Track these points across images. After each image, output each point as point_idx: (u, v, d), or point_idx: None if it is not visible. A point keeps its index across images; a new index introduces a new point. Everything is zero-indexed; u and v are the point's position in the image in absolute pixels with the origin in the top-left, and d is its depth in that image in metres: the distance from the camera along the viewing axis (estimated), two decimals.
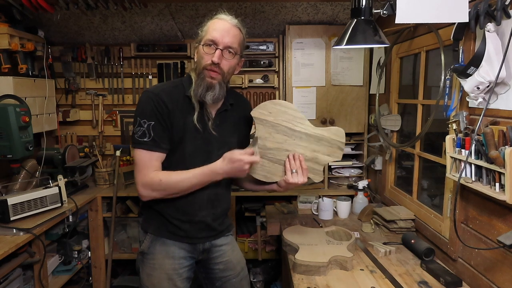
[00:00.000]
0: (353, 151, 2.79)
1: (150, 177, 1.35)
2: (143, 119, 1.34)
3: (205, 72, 1.36)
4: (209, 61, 1.35)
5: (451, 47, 1.53)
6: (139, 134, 1.35)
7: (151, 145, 1.35)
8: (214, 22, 1.38)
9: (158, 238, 1.47)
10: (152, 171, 1.36)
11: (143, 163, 1.36)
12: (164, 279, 1.45)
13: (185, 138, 1.39)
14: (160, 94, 1.36)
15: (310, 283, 1.46)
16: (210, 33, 1.35)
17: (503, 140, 1.20)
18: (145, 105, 1.35)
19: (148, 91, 1.38)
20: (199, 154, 1.42)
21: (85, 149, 2.85)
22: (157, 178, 1.35)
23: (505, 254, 1.28)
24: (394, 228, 1.94)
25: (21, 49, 2.34)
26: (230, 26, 1.37)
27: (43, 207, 2.07)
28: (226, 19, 1.38)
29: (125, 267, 2.95)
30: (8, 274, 1.88)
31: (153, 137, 1.34)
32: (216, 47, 1.34)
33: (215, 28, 1.36)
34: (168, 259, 1.46)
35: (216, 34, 1.34)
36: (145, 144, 1.34)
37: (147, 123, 1.34)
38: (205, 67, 1.36)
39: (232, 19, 1.39)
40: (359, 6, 1.53)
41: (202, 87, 1.37)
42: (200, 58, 1.38)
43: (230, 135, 1.50)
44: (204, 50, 1.36)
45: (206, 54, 1.36)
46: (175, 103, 1.38)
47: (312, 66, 2.65)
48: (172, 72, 2.93)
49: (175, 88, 1.42)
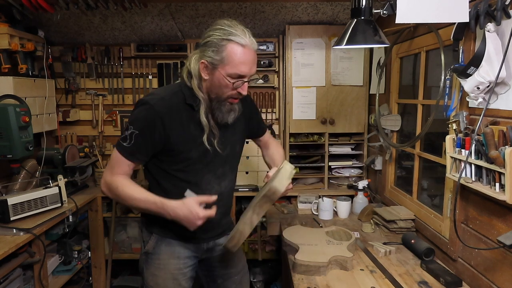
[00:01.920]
0: (353, 151, 2.79)
1: (112, 179, 1.34)
2: (131, 125, 1.32)
3: (229, 100, 1.34)
4: (235, 93, 1.31)
5: (451, 47, 1.53)
6: (122, 136, 1.34)
7: (127, 151, 1.33)
8: (238, 51, 1.25)
9: (163, 238, 1.47)
10: (118, 174, 1.34)
11: (114, 163, 1.35)
12: (169, 279, 1.45)
13: (187, 147, 1.37)
14: (157, 106, 1.30)
15: (310, 283, 1.46)
16: (238, 67, 1.26)
17: (503, 140, 1.20)
18: (138, 113, 1.32)
19: (145, 101, 1.32)
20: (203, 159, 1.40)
21: (85, 149, 2.85)
22: (115, 184, 1.33)
23: (505, 254, 1.28)
24: (394, 228, 1.94)
25: (21, 49, 2.34)
26: (254, 55, 1.30)
27: (43, 207, 2.07)
28: (248, 45, 1.27)
29: (125, 267, 2.95)
30: (8, 274, 1.87)
31: (132, 145, 1.31)
32: (244, 80, 1.30)
33: (243, 61, 1.26)
34: (173, 259, 1.46)
35: (246, 69, 1.27)
36: (123, 149, 1.32)
37: (131, 130, 1.31)
38: (230, 96, 1.33)
39: (253, 43, 1.29)
40: (359, 6, 1.53)
41: (223, 113, 1.35)
42: (223, 88, 1.30)
43: (231, 135, 1.49)
44: (232, 84, 1.29)
45: (231, 86, 1.29)
46: (174, 113, 1.33)
47: (312, 66, 2.65)
48: (172, 72, 2.93)
49: (174, 95, 1.36)
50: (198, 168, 1.40)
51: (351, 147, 2.80)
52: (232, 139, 1.50)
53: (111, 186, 1.34)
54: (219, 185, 1.47)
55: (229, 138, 1.48)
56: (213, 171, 1.44)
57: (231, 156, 1.50)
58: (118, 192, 1.33)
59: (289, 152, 2.73)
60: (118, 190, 1.33)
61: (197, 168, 1.40)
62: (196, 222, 1.26)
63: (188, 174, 1.40)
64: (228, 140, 1.47)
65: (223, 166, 1.48)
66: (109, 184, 1.35)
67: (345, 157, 2.79)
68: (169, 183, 1.41)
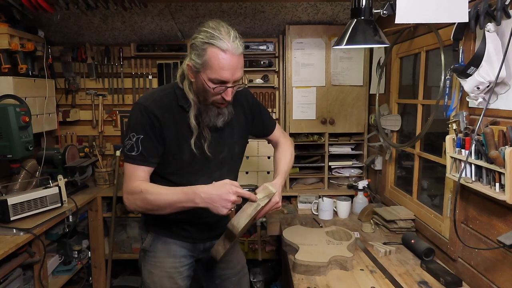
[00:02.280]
0: (353, 151, 2.79)
1: (133, 187, 1.30)
2: (132, 133, 1.30)
3: (215, 104, 1.32)
4: (219, 97, 1.29)
5: (451, 47, 1.53)
6: (128, 147, 1.31)
7: (138, 159, 1.31)
8: (218, 57, 1.20)
9: (159, 236, 1.48)
10: (136, 181, 1.31)
11: (129, 176, 1.32)
12: (165, 277, 1.45)
13: (181, 147, 1.36)
14: (151, 107, 1.29)
15: (310, 283, 1.46)
16: (218, 72, 1.21)
17: (503, 140, 1.20)
18: (135, 118, 1.31)
19: (138, 104, 1.32)
20: (198, 161, 1.39)
21: (85, 149, 2.85)
22: (138, 188, 1.29)
23: (505, 254, 1.28)
24: (394, 228, 1.94)
25: (21, 49, 2.34)
26: (237, 60, 1.23)
27: (43, 207, 2.07)
28: (230, 49, 1.20)
29: (125, 267, 2.95)
30: (8, 274, 1.87)
31: (141, 151, 1.30)
32: (226, 86, 1.26)
33: (223, 67, 1.21)
34: (169, 257, 1.47)
35: (227, 75, 1.22)
36: (133, 158, 1.31)
37: (135, 137, 1.29)
38: (215, 101, 1.31)
39: (236, 47, 1.22)
40: (359, 6, 1.53)
41: (211, 116, 1.34)
42: (206, 92, 1.28)
43: (229, 137, 1.47)
44: (213, 90, 1.25)
45: (213, 90, 1.26)
46: (168, 114, 1.32)
47: (312, 66, 2.65)
48: (172, 72, 2.93)
49: (167, 96, 1.35)
50: (191, 171, 1.39)
51: (351, 147, 2.80)
52: (230, 141, 1.47)
53: (135, 193, 1.30)
54: None
55: (225, 140, 1.45)
56: (208, 174, 1.41)
57: (229, 158, 1.48)
58: (143, 195, 1.28)
59: None
60: (143, 194, 1.28)
61: (191, 171, 1.39)
62: (230, 198, 1.20)
63: (182, 178, 1.38)
64: (224, 142, 1.45)
65: (220, 169, 1.45)
66: (132, 193, 1.30)
67: (345, 157, 2.79)
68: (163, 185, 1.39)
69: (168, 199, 1.27)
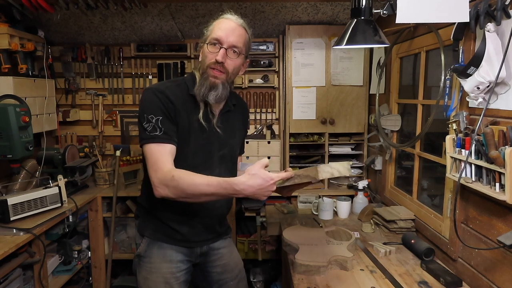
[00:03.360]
0: (353, 151, 2.79)
1: (164, 172, 1.24)
2: (150, 115, 1.29)
3: (209, 71, 1.35)
4: (213, 60, 1.33)
5: (451, 47, 1.53)
6: (149, 129, 1.29)
7: (163, 138, 1.29)
8: (220, 22, 1.37)
9: (155, 241, 1.46)
10: (166, 165, 1.26)
11: (156, 158, 1.27)
12: (161, 283, 1.44)
13: (189, 138, 1.38)
14: (165, 91, 1.33)
15: (310, 283, 1.46)
16: (215, 32, 1.34)
17: (503, 140, 1.20)
18: (151, 101, 1.32)
19: (151, 88, 1.35)
20: (201, 155, 1.41)
21: (85, 149, 2.85)
22: (169, 174, 1.23)
23: (505, 254, 1.28)
24: (394, 228, 1.94)
25: (21, 49, 2.34)
26: (236, 26, 1.36)
27: (43, 207, 2.07)
28: (231, 18, 1.37)
29: (125, 267, 2.95)
30: (8, 274, 1.87)
31: (164, 130, 1.29)
32: (221, 46, 1.33)
33: (220, 27, 1.35)
34: (165, 262, 1.45)
35: (221, 33, 1.33)
36: (157, 137, 1.28)
37: (155, 118, 1.29)
38: (209, 65, 1.35)
39: (237, 19, 1.38)
40: (359, 6, 1.53)
41: (205, 86, 1.35)
42: (204, 57, 1.37)
43: (231, 136, 1.50)
44: (209, 49, 1.34)
45: (210, 53, 1.34)
46: (180, 101, 1.36)
47: (312, 66, 2.65)
48: (172, 72, 2.93)
49: (178, 86, 1.39)
50: (195, 163, 1.39)
51: (351, 147, 2.80)
52: (232, 141, 1.51)
53: (166, 180, 1.23)
54: None
55: (228, 140, 1.48)
56: (210, 169, 1.42)
57: (228, 157, 1.50)
58: (175, 182, 1.21)
59: (289, 152, 2.73)
60: (174, 180, 1.21)
61: (194, 163, 1.39)
62: (270, 187, 1.17)
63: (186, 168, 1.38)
64: (227, 141, 1.48)
65: (219, 166, 1.46)
66: (163, 180, 1.23)
67: (345, 157, 2.78)
68: None
69: (203, 190, 1.20)
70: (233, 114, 1.52)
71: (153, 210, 1.45)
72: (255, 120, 2.99)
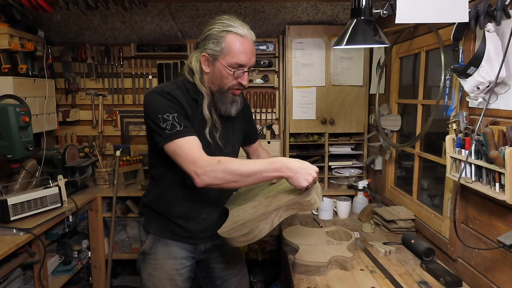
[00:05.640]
0: (353, 151, 2.79)
1: (206, 159, 1.23)
2: (165, 114, 1.27)
3: (231, 91, 1.37)
4: (236, 83, 1.35)
5: (451, 47, 1.53)
6: (169, 127, 1.25)
7: (186, 131, 1.26)
8: (237, 41, 1.31)
9: (160, 238, 1.47)
10: (203, 154, 1.25)
11: (188, 150, 1.24)
12: (165, 279, 1.45)
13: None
14: (170, 93, 1.32)
15: (310, 283, 1.46)
16: (237, 56, 1.31)
17: (503, 140, 1.20)
18: (160, 101, 1.29)
19: (157, 91, 1.32)
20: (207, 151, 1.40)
21: (85, 149, 2.85)
22: (214, 160, 1.22)
23: (505, 254, 1.28)
24: (394, 228, 1.94)
25: (21, 49, 2.34)
26: (253, 45, 1.36)
27: (43, 207, 2.07)
28: (247, 36, 1.34)
29: (125, 267, 2.95)
30: (8, 274, 1.87)
31: (184, 125, 1.27)
32: (244, 70, 1.34)
33: (242, 51, 1.31)
34: (170, 259, 1.46)
35: (244, 58, 1.32)
36: (181, 132, 1.25)
37: (171, 116, 1.27)
38: (232, 87, 1.36)
39: (251, 34, 1.36)
40: (359, 6, 1.53)
41: (225, 104, 1.38)
42: (223, 78, 1.34)
43: (231, 134, 1.51)
44: (233, 74, 1.33)
45: (233, 77, 1.34)
46: (185, 102, 1.35)
47: (312, 66, 2.65)
48: (172, 72, 2.93)
49: (179, 89, 1.38)
50: None
51: (351, 147, 2.80)
52: (233, 138, 1.52)
53: (213, 166, 1.21)
54: None
55: (229, 137, 1.50)
56: None
57: (231, 155, 1.51)
58: (224, 165, 1.21)
59: (289, 152, 2.73)
60: (222, 163, 1.21)
61: None
62: (311, 171, 1.21)
63: None
64: (229, 139, 1.49)
65: None
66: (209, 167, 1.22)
67: (345, 157, 2.79)
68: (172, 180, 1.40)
69: (252, 168, 1.22)
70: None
71: (158, 208, 1.46)
72: (255, 120, 2.99)
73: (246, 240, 1.26)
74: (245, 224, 1.25)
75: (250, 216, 1.26)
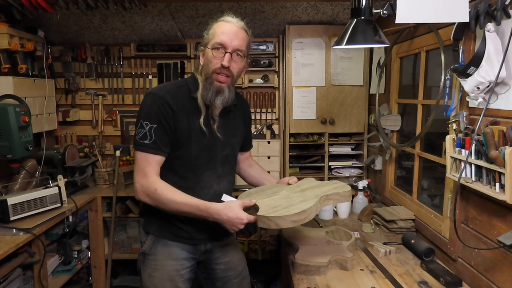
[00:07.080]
0: (353, 151, 2.79)
1: (148, 182, 1.34)
2: (146, 121, 1.33)
3: (214, 76, 1.36)
4: (219, 65, 1.34)
5: (451, 47, 1.53)
6: (140, 136, 1.34)
7: (151, 147, 1.34)
8: (221, 25, 1.36)
9: (159, 239, 1.47)
10: (151, 175, 1.34)
11: (142, 165, 1.35)
12: (166, 280, 1.45)
13: (190, 140, 1.39)
14: (165, 97, 1.34)
15: (310, 283, 1.46)
16: (218, 36, 1.34)
17: (503, 140, 1.20)
18: (149, 107, 1.34)
19: (152, 93, 1.36)
20: (204, 155, 1.42)
21: (85, 149, 2.85)
22: (153, 186, 1.33)
23: (505, 254, 1.28)
24: (394, 228, 1.94)
25: (21, 49, 2.34)
26: (238, 29, 1.36)
27: (43, 207, 2.07)
28: (233, 21, 1.37)
29: (125, 267, 2.95)
30: (8, 274, 1.87)
31: (154, 140, 1.33)
32: (225, 50, 1.33)
33: (223, 31, 1.34)
34: (170, 260, 1.46)
35: (225, 38, 1.33)
36: (146, 146, 1.33)
37: (149, 125, 1.32)
38: (215, 71, 1.35)
39: (238, 21, 1.38)
40: (359, 6, 1.53)
41: (211, 91, 1.36)
42: (208, 62, 1.36)
43: (232, 136, 1.52)
44: (213, 53, 1.34)
45: (214, 58, 1.34)
46: (180, 105, 1.37)
47: (312, 66, 2.65)
48: (172, 72, 2.93)
49: (179, 89, 1.40)
50: (198, 164, 1.41)
51: (351, 147, 2.80)
52: (233, 141, 1.53)
53: (149, 190, 1.34)
54: (218, 185, 1.48)
55: (229, 139, 1.50)
56: (213, 169, 1.45)
57: (231, 157, 1.52)
58: (157, 195, 1.33)
59: (289, 152, 2.73)
60: (156, 193, 1.33)
61: (198, 164, 1.41)
62: (239, 226, 1.30)
63: (189, 170, 1.41)
64: (228, 141, 1.49)
65: (223, 166, 1.49)
66: (145, 189, 1.35)
67: (345, 157, 2.79)
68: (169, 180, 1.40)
69: (180, 208, 1.33)
70: (233, 114, 1.53)
71: (158, 209, 1.46)
72: (255, 120, 2.99)
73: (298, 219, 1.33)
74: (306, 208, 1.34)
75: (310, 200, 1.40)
